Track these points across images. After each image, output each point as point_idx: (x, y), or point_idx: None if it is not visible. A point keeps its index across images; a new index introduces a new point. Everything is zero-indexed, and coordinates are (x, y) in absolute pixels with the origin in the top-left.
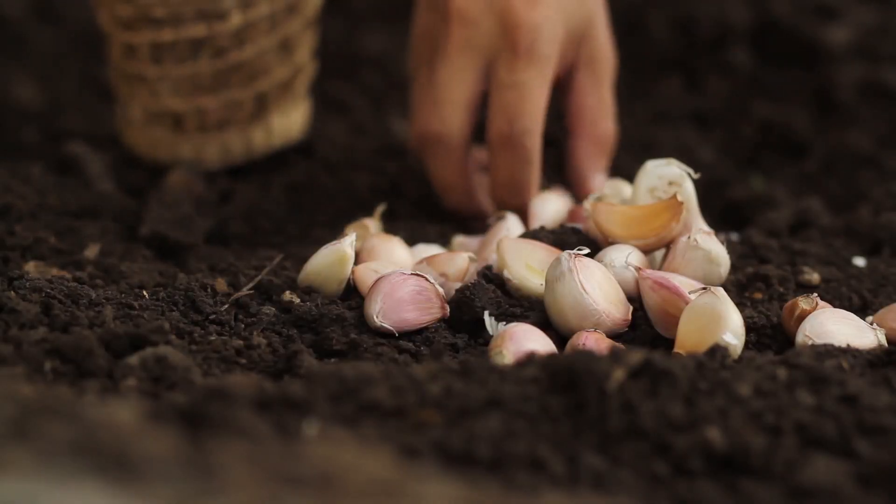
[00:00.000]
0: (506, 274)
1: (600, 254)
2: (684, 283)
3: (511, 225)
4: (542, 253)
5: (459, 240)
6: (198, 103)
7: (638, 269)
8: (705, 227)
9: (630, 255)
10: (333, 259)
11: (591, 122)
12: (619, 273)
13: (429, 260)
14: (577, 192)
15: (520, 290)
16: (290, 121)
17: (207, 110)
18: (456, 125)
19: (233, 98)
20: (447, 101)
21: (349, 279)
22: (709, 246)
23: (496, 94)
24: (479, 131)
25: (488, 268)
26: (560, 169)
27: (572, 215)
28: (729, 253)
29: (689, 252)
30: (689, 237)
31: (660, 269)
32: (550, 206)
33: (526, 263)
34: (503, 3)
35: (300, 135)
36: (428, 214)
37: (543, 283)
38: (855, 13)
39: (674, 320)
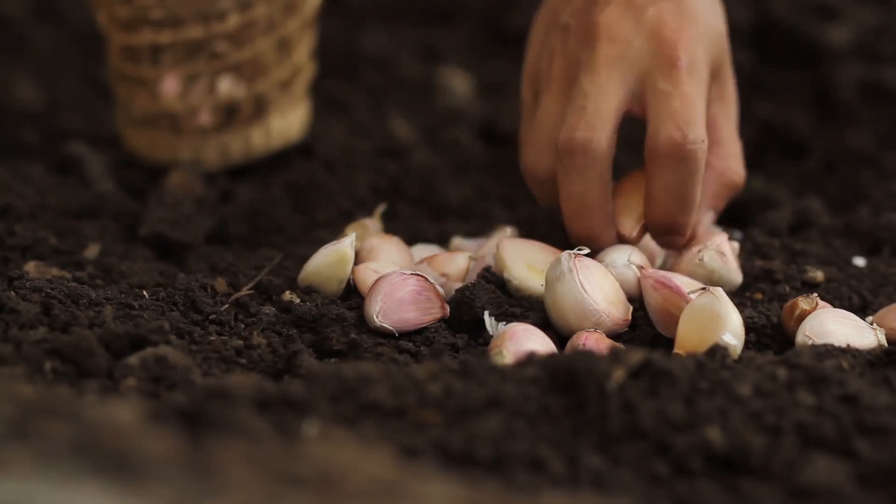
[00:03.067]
0: (506, 274)
1: (601, 254)
2: (685, 283)
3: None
4: (542, 253)
5: (458, 242)
6: (196, 104)
7: (640, 268)
8: (722, 241)
9: (632, 255)
10: (333, 259)
11: (722, 158)
12: (619, 273)
13: (429, 260)
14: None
15: (520, 291)
16: (289, 122)
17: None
18: (604, 135)
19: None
20: (595, 112)
21: (349, 279)
22: (714, 266)
23: (659, 103)
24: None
25: (488, 268)
26: None
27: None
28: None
29: (693, 267)
30: (698, 249)
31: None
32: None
33: (526, 264)
34: (654, 23)
35: (300, 136)
36: (428, 214)
37: (543, 283)
38: (855, 13)
39: (675, 320)
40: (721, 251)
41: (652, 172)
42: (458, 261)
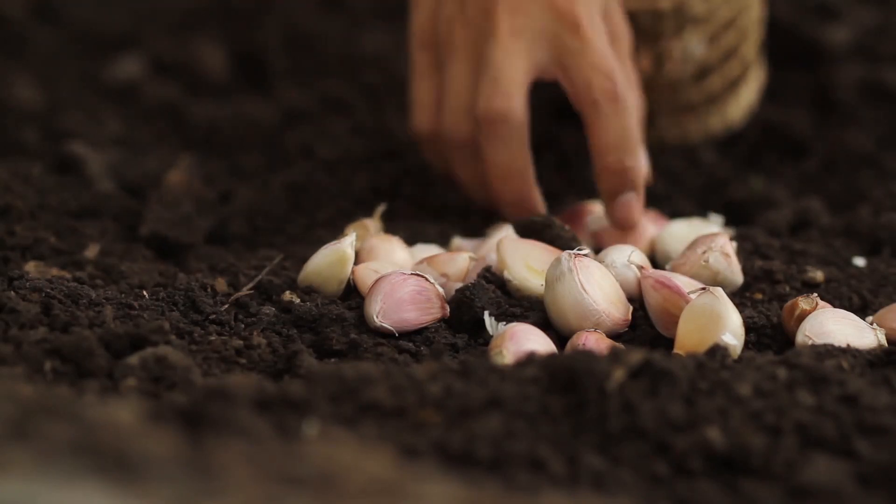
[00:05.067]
0: (506, 274)
1: (601, 254)
2: (685, 283)
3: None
4: (542, 253)
5: (458, 242)
6: (707, 85)
7: (640, 267)
8: (724, 241)
9: (632, 255)
10: (333, 259)
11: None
12: (619, 273)
13: (429, 260)
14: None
15: (520, 291)
16: (752, 89)
17: (712, 89)
18: (520, 102)
19: (732, 74)
20: (510, 79)
21: (349, 279)
22: (719, 267)
23: (578, 60)
24: None
25: (488, 268)
26: (559, 169)
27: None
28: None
29: (699, 269)
30: (702, 251)
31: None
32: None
33: (526, 264)
34: None
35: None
36: (428, 214)
37: (543, 283)
38: (855, 13)
39: (675, 320)
40: (725, 252)
41: (595, 125)
42: (458, 261)
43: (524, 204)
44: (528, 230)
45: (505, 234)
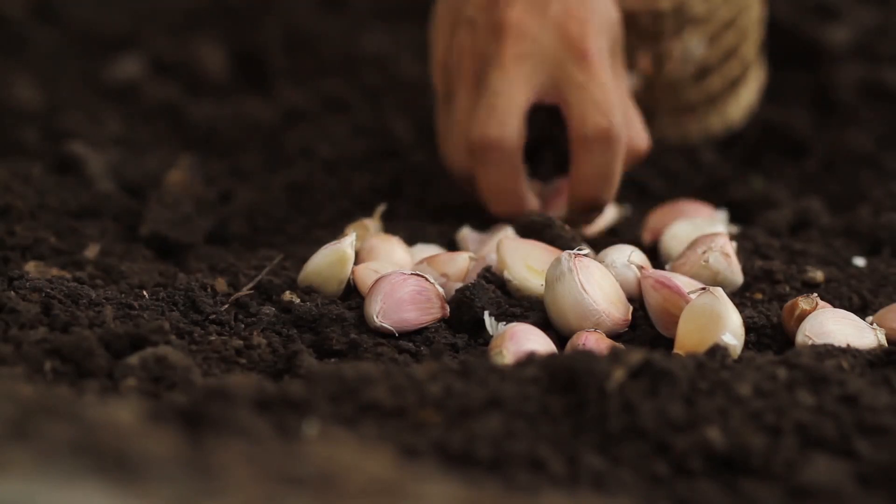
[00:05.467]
0: (506, 274)
1: (601, 254)
2: (685, 283)
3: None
4: (542, 253)
5: (465, 232)
6: (707, 85)
7: (640, 267)
8: (724, 242)
9: (632, 255)
10: (333, 259)
11: (628, 129)
12: (619, 273)
13: (429, 260)
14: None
15: (520, 291)
16: (752, 90)
17: (712, 89)
18: (514, 130)
19: (732, 74)
20: (505, 108)
21: (349, 279)
22: (719, 267)
23: (578, 93)
24: None
25: (488, 268)
26: (559, 169)
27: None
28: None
29: (699, 269)
30: (703, 251)
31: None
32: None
33: (526, 264)
34: (560, 19)
35: (756, 102)
36: (428, 214)
37: (543, 283)
38: (855, 13)
39: (675, 320)
40: (725, 252)
41: (581, 158)
42: (458, 261)
43: (513, 217)
44: (528, 230)
45: (505, 234)
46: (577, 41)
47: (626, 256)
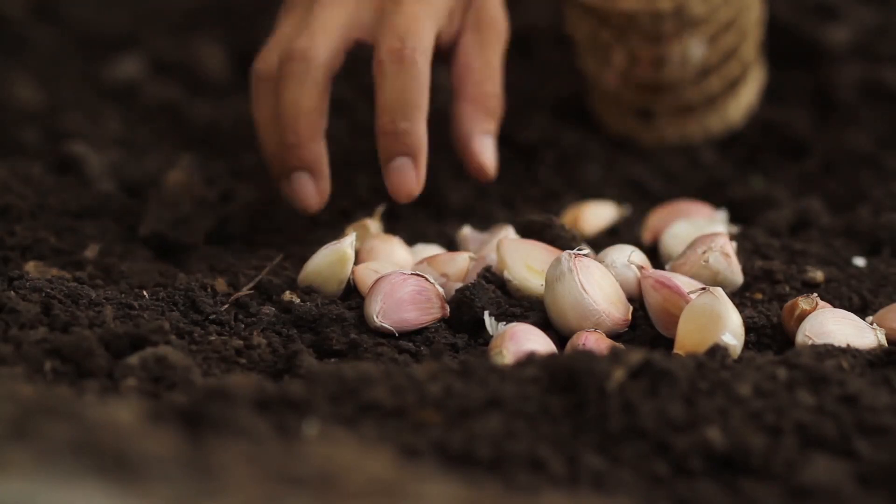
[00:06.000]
0: (506, 275)
1: (601, 254)
2: (685, 283)
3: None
4: (542, 253)
5: (466, 231)
6: (706, 85)
7: (640, 267)
8: (724, 241)
9: (632, 255)
10: (333, 259)
11: (475, 84)
12: (619, 273)
13: (429, 260)
14: (463, 155)
15: (520, 291)
16: (752, 91)
17: (712, 90)
18: (326, 45)
19: (732, 75)
20: (319, 27)
21: (349, 279)
22: (719, 267)
23: (384, 20)
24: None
25: (488, 268)
26: (559, 169)
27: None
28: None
29: (699, 269)
30: (703, 251)
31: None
32: (601, 214)
33: (526, 264)
34: None
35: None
36: (428, 214)
37: (543, 283)
38: (855, 13)
39: (675, 320)
40: (725, 252)
41: (377, 83)
42: (458, 261)
43: (303, 151)
44: (528, 230)
45: (505, 234)
46: None
47: (627, 256)
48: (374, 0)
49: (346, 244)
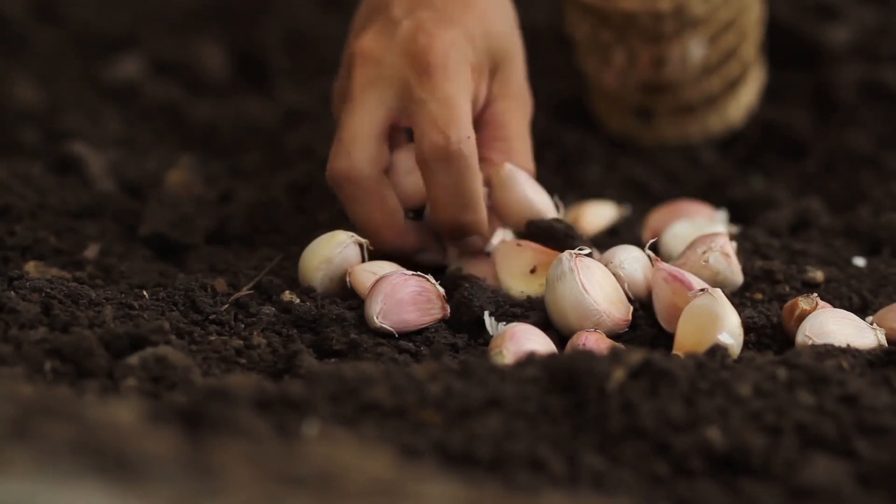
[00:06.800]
0: (501, 278)
1: (606, 254)
2: (696, 280)
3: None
4: (538, 256)
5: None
6: (706, 85)
7: (654, 259)
8: (724, 242)
9: (636, 255)
10: (324, 239)
11: (508, 154)
12: (626, 272)
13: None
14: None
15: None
16: (752, 90)
17: (712, 90)
18: (363, 159)
19: (732, 75)
20: (352, 138)
21: (347, 280)
22: (719, 267)
23: (419, 111)
24: None
25: None
26: (559, 169)
27: None
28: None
29: (699, 269)
30: (703, 251)
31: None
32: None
33: (512, 273)
34: (406, 35)
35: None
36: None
37: (526, 290)
38: (855, 13)
39: (680, 315)
40: (725, 252)
41: (426, 179)
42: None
43: (405, 252)
44: (531, 231)
45: (503, 236)
46: (421, 54)
47: (633, 256)
48: (397, 82)
49: (339, 232)
